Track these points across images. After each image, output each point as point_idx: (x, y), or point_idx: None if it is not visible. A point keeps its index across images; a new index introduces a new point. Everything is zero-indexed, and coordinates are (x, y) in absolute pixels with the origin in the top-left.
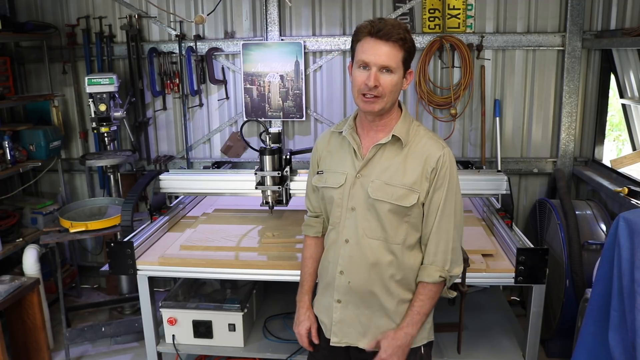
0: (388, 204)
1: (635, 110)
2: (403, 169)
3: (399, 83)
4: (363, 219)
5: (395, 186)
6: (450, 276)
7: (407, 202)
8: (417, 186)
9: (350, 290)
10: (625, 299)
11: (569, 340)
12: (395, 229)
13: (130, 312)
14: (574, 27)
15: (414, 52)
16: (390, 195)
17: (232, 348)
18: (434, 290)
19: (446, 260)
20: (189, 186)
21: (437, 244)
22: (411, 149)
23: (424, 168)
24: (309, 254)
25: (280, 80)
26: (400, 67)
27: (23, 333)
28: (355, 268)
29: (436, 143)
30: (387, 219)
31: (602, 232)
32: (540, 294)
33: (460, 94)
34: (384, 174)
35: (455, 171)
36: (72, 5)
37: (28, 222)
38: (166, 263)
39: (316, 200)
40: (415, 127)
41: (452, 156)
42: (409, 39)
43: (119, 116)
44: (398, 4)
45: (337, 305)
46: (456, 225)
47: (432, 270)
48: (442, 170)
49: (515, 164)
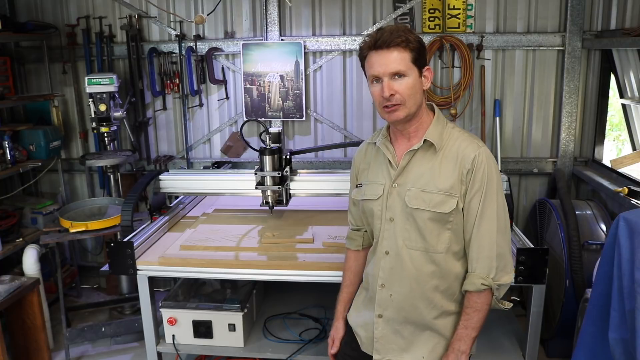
0: (427, 212)
1: (635, 110)
2: (438, 174)
3: (417, 84)
4: (402, 229)
5: (432, 192)
6: (498, 285)
7: (446, 208)
8: (455, 190)
9: (392, 304)
10: (625, 299)
11: (569, 340)
12: (437, 237)
13: (130, 312)
14: (574, 27)
15: (423, 50)
16: (427, 203)
17: (232, 348)
18: (480, 301)
19: (491, 267)
20: (189, 186)
21: (479, 250)
22: (446, 152)
23: (459, 170)
24: (347, 266)
25: (280, 80)
26: (412, 68)
27: (23, 333)
28: (397, 280)
29: (471, 143)
30: (427, 228)
31: (602, 232)
32: (540, 294)
33: (460, 94)
34: (420, 181)
35: (497, 171)
36: (72, 5)
37: (28, 222)
38: (166, 263)
39: (357, 214)
40: (450, 130)
41: (489, 155)
42: (412, 38)
43: (119, 116)
44: (398, 4)
45: (378, 320)
46: (500, 229)
47: (475, 277)
48: (478, 172)
49: (515, 164)
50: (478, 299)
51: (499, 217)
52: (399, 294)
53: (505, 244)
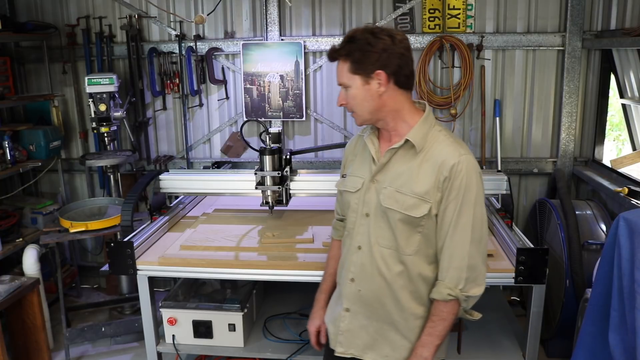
0: (398, 213)
1: (635, 110)
2: (416, 177)
3: (361, 93)
4: (376, 226)
5: (406, 194)
6: (466, 296)
7: (418, 212)
8: (430, 196)
9: (360, 299)
10: (625, 299)
11: (569, 340)
12: (407, 239)
13: (130, 312)
14: (574, 27)
15: (362, 57)
16: (400, 204)
17: (232, 348)
18: (446, 311)
19: (460, 278)
20: (189, 186)
21: (450, 260)
22: (427, 155)
23: (437, 177)
24: (331, 254)
25: (280, 80)
26: (352, 78)
27: (23, 333)
28: (366, 276)
29: (454, 149)
30: (398, 229)
31: (602, 232)
32: (540, 294)
33: (460, 94)
34: (396, 181)
35: (477, 182)
36: (72, 5)
37: (28, 222)
38: (166, 263)
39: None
40: (436, 132)
41: (472, 164)
42: (349, 47)
43: (119, 116)
44: (398, 4)
45: (345, 314)
46: (474, 240)
47: (442, 287)
48: (456, 180)
49: (515, 164)
50: (444, 308)
51: (474, 228)
52: (367, 290)
53: (478, 255)
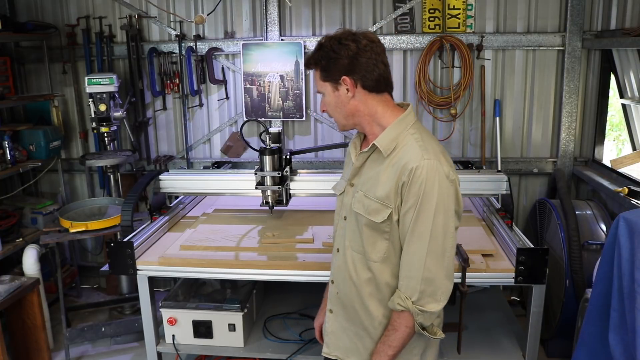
0: (363, 218)
1: (635, 110)
2: (379, 181)
3: (333, 99)
4: (350, 229)
5: (371, 199)
6: (419, 310)
7: (379, 217)
8: (390, 201)
9: (339, 302)
10: (625, 299)
11: (569, 340)
12: (372, 245)
13: (130, 312)
14: (574, 27)
15: (327, 65)
16: (365, 209)
17: (232, 348)
18: (398, 321)
19: (414, 290)
20: (189, 186)
21: (405, 268)
22: (393, 159)
23: (396, 181)
24: None
25: (280, 80)
26: (324, 85)
27: (23, 333)
28: (342, 279)
29: (417, 153)
30: (364, 234)
31: (602, 232)
32: (540, 294)
33: (460, 94)
34: (365, 185)
35: (440, 189)
36: (72, 5)
37: (28, 222)
38: (166, 263)
39: None
40: (408, 135)
41: (434, 169)
42: (319, 55)
43: (119, 116)
44: (398, 4)
45: (329, 315)
46: (432, 251)
47: (395, 296)
48: (414, 186)
49: (515, 164)
50: (397, 319)
51: (433, 238)
52: (343, 293)
53: (439, 269)
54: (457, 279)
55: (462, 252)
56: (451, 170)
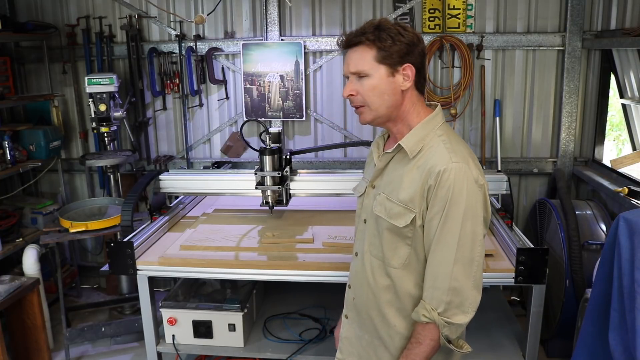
0: (385, 222)
1: (635, 110)
2: (403, 183)
3: (382, 84)
4: (371, 233)
5: (393, 202)
6: (446, 322)
7: (402, 221)
8: (414, 205)
9: (355, 307)
10: (625, 299)
11: (569, 340)
12: (393, 250)
13: (130, 312)
14: (574, 27)
15: (394, 47)
16: (387, 212)
17: (232, 348)
18: (422, 334)
19: (440, 301)
20: (189, 186)
21: (431, 278)
22: (419, 162)
23: (422, 184)
24: None
25: (280, 80)
26: (375, 67)
27: (23, 333)
28: (359, 285)
29: (446, 155)
30: (385, 238)
31: (602, 232)
32: (540, 294)
33: (460, 94)
34: (388, 188)
35: (468, 194)
36: (72, 5)
37: (28, 222)
38: (166, 263)
39: None
40: (435, 137)
41: (463, 173)
42: (380, 35)
43: (119, 116)
44: (398, 4)
45: (345, 320)
46: (460, 260)
47: (420, 307)
48: (441, 190)
49: (515, 164)
50: (421, 331)
51: (460, 247)
52: (359, 298)
53: (467, 278)
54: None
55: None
56: (480, 174)
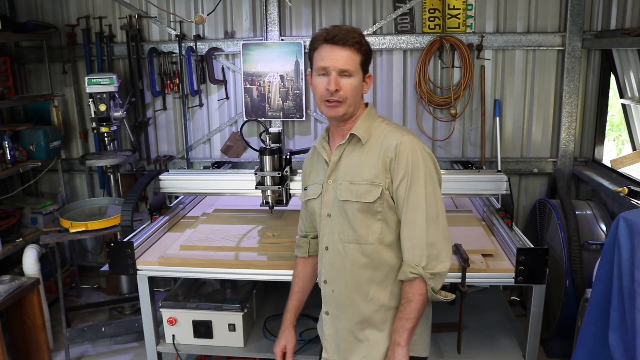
0: (355, 203)
1: (635, 110)
2: (364, 165)
3: (359, 86)
4: (337, 223)
5: (359, 184)
6: (431, 274)
7: (371, 197)
8: (379, 179)
9: (335, 300)
10: (625, 299)
11: (569, 340)
12: (367, 228)
13: (130, 312)
14: (574, 27)
15: (370, 56)
16: (354, 194)
17: (232, 348)
18: (411, 292)
19: (422, 256)
20: (189, 186)
21: (408, 238)
22: (371, 145)
23: (383, 159)
24: (295, 272)
25: (280, 80)
26: (358, 70)
27: (23, 333)
28: (335, 275)
29: (395, 133)
30: (357, 220)
31: (602, 232)
32: (540, 294)
33: (460, 94)
34: (348, 174)
35: (424, 159)
36: (72, 5)
37: (28, 222)
38: (166, 263)
39: (306, 219)
40: (378, 123)
41: (415, 143)
42: (364, 42)
43: (119, 116)
44: (398, 4)
45: (325, 317)
46: (430, 217)
47: (405, 266)
48: (401, 159)
49: (515, 164)
50: (410, 289)
51: (428, 205)
52: (338, 288)
53: (437, 232)
54: (457, 279)
55: (462, 252)
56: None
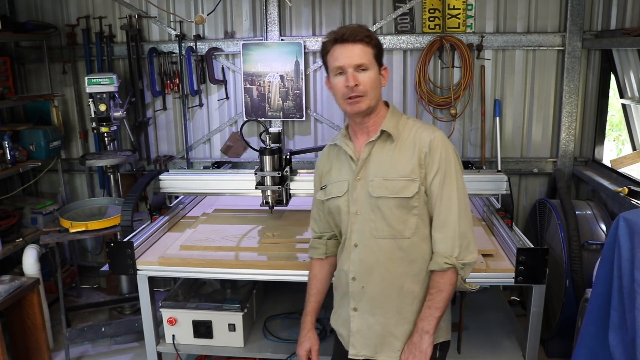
0: (391, 199)
1: (635, 110)
2: (398, 161)
3: (377, 79)
4: (368, 220)
5: (394, 179)
6: (462, 264)
7: (408, 192)
8: (415, 174)
9: (365, 296)
10: (625, 299)
11: (569, 340)
12: (403, 223)
13: (130, 312)
14: (574, 27)
15: (382, 49)
16: (391, 190)
17: (232, 348)
18: (442, 282)
19: (454, 246)
20: (189, 186)
21: (442, 231)
22: (403, 141)
23: (418, 155)
24: (312, 274)
25: (280, 80)
26: (373, 63)
27: (23, 333)
28: (367, 271)
29: (426, 129)
30: (393, 215)
31: (602, 232)
32: (540, 294)
33: (460, 94)
34: (381, 171)
35: (454, 154)
36: (72, 5)
37: (28, 222)
38: (166, 263)
39: (321, 220)
40: (405, 120)
41: (446, 140)
42: (373, 36)
43: (119, 116)
44: (398, 4)
45: (353, 314)
46: (461, 210)
47: (439, 257)
48: (435, 154)
49: (515, 164)
50: (441, 279)
51: (459, 198)
52: (370, 284)
53: (467, 223)
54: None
55: None
56: None
